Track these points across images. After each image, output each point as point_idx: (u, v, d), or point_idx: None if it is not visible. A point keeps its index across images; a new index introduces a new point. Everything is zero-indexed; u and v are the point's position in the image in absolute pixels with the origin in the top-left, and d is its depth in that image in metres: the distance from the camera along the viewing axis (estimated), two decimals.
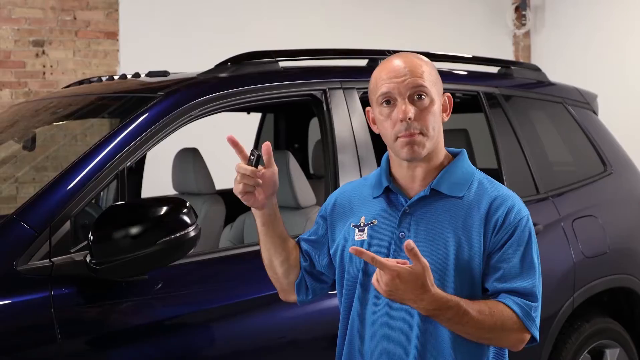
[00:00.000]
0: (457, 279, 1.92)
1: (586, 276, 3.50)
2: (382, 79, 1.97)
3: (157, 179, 4.29)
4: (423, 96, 1.93)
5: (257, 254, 2.62)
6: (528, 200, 3.45)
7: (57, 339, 2.20)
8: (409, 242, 1.76)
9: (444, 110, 2.02)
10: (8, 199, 5.44)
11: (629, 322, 3.82)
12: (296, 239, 2.18)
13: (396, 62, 1.98)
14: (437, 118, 1.97)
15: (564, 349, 3.45)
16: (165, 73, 3.13)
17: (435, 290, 1.81)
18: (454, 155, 2.07)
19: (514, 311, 1.89)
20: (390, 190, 2.03)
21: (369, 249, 1.96)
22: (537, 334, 1.95)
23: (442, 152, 2.03)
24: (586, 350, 3.56)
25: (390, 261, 1.77)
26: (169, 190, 4.00)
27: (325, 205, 2.17)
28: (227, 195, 4.00)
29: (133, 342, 2.36)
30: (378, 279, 1.78)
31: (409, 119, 1.91)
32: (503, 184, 3.42)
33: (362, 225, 2.02)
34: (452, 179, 1.99)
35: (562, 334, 3.44)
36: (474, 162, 3.83)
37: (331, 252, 2.11)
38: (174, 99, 2.66)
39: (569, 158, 3.98)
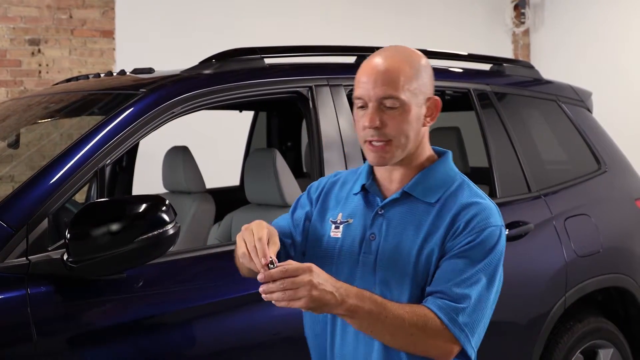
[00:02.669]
0: (413, 286, 1.87)
1: (578, 275, 3.46)
2: (359, 80, 1.93)
3: (149, 178, 4.27)
4: (395, 105, 1.88)
5: None
6: (519, 199, 3.42)
7: (33, 338, 2.17)
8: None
9: (428, 114, 1.94)
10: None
11: (623, 322, 3.78)
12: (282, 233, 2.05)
13: (375, 62, 1.91)
14: (413, 125, 1.90)
15: (555, 349, 3.41)
16: (150, 70, 3.11)
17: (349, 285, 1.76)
18: (440, 155, 2.01)
19: (436, 315, 1.80)
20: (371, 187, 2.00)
21: (341, 247, 1.97)
22: (468, 348, 1.82)
23: (423, 155, 1.97)
24: (579, 351, 3.53)
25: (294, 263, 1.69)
26: (160, 189, 3.98)
27: (317, 186, 2.11)
28: (217, 193, 3.99)
29: (112, 342, 2.33)
30: (288, 293, 1.67)
31: (376, 127, 1.87)
32: (493, 182, 3.41)
33: (338, 222, 2.01)
34: (427, 183, 1.94)
35: (554, 334, 3.40)
36: (465, 161, 3.81)
37: (306, 235, 2.05)
38: (156, 95, 2.64)
39: (562, 156, 3.94)
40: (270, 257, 1.70)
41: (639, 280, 3.75)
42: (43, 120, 3.30)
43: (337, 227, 2.00)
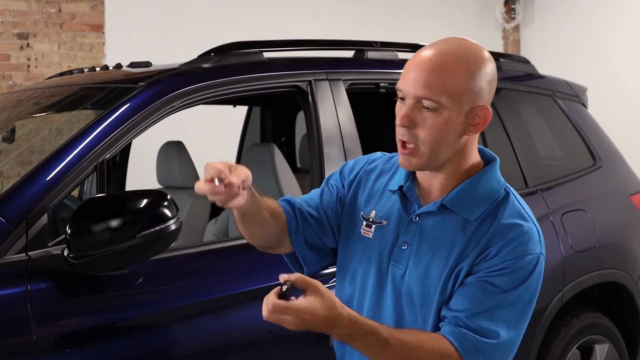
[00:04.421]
0: (437, 310, 1.73)
1: (575, 271, 3.47)
2: (404, 70, 1.73)
3: (142, 173, 4.24)
4: (432, 107, 1.68)
5: (242, 247, 2.60)
6: None
7: (33, 334, 2.14)
8: (282, 276, 1.59)
9: (474, 124, 1.72)
10: None
11: (618, 317, 3.78)
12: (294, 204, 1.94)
13: (426, 56, 1.71)
14: (448, 134, 1.69)
15: (553, 345, 3.41)
16: (147, 64, 3.08)
17: (348, 312, 1.59)
18: (487, 163, 1.80)
19: (452, 345, 1.64)
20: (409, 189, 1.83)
21: (371, 250, 1.83)
22: None
23: (466, 163, 1.76)
24: (575, 346, 3.53)
25: (294, 304, 1.55)
26: (154, 184, 3.95)
27: (350, 168, 1.96)
28: None
29: (113, 339, 2.31)
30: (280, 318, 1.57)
31: (406, 126, 1.70)
32: None
33: (371, 220, 1.85)
34: (468, 197, 1.74)
35: (551, 329, 3.39)
36: None
37: (336, 222, 1.92)
38: (156, 89, 2.61)
39: (558, 152, 3.94)
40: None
41: (634, 275, 3.76)
42: (40, 115, 3.26)
43: (368, 226, 1.85)
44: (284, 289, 1.56)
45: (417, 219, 1.78)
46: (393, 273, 1.79)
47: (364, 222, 1.86)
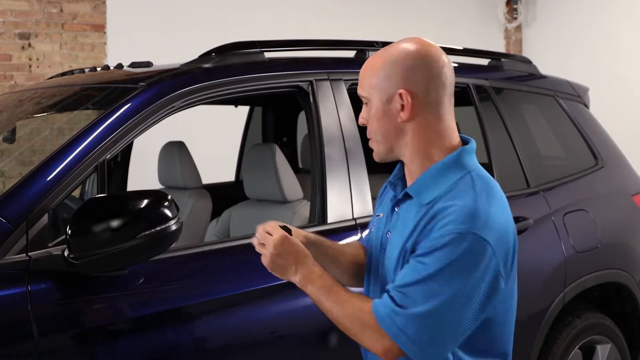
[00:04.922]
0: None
1: (577, 271, 3.46)
2: None
3: (143, 173, 4.24)
4: (364, 102, 1.90)
5: (244, 248, 2.60)
6: (519, 194, 3.42)
7: (33, 335, 2.13)
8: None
9: (402, 109, 1.82)
10: None
11: (620, 318, 3.78)
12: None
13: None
14: (383, 122, 1.85)
15: (554, 345, 3.41)
16: (148, 64, 3.07)
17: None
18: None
19: (372, 311, 1.76)
20: (393, 184, 1.99)
21: (373, 243, 2.00)
22: (405, 346, 1.70)
23: (421, 149, 1.85)
24: (577, 346, 3.52)
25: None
26: (155, 184, 3.95)
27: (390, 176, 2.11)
28: (213, 189, 3.96)
29: (113, 339, 2.31)
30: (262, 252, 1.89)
31: (363, 124, 1.92)
32: (493, 177, 3.37)
33: (376, 216, 2.04)
34: (427, 182, 1.83)
35: (552, 329, 3.40)
36: None
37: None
38: (157, 89, 2.60)
39: (560, 152, 3.94)
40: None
41: (636, 275, 3.76)
42: (41, 115, 3.25)
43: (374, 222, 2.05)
44: (282, 225, 1.91)
45: (397, 208, 1.92)
46: (382, 260, 1.94)
47: (375, 220, 2.04)
